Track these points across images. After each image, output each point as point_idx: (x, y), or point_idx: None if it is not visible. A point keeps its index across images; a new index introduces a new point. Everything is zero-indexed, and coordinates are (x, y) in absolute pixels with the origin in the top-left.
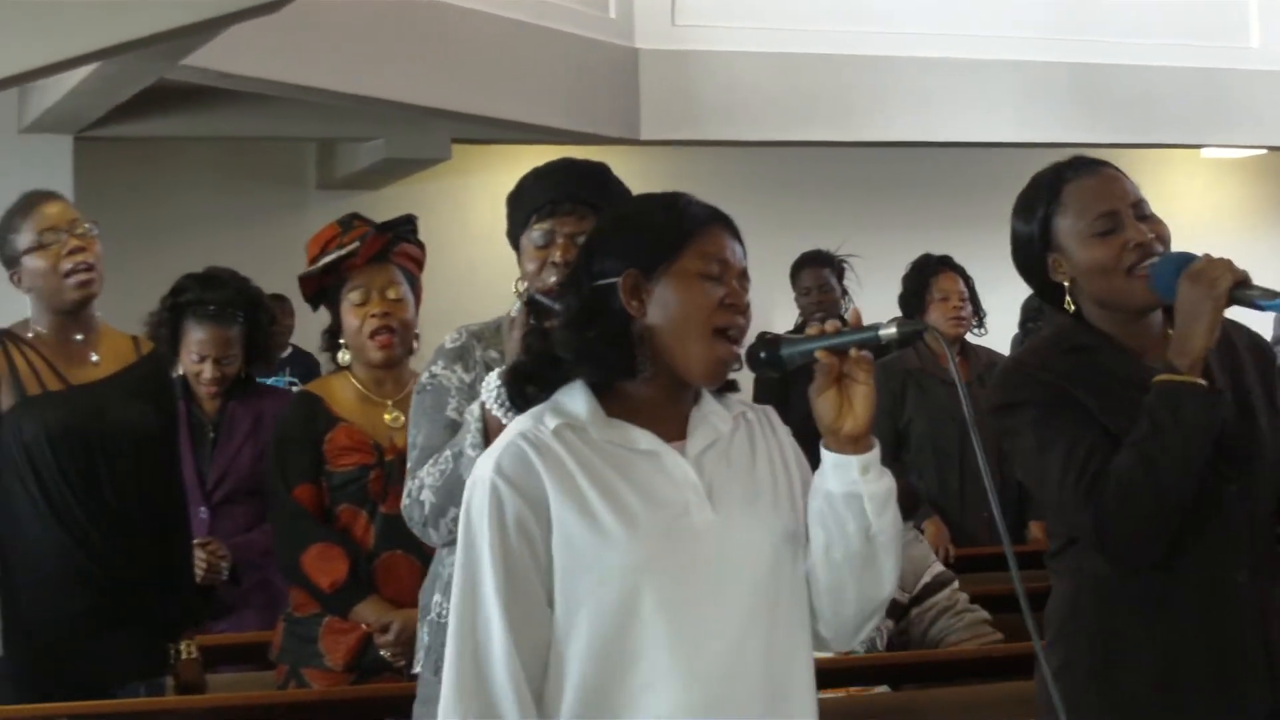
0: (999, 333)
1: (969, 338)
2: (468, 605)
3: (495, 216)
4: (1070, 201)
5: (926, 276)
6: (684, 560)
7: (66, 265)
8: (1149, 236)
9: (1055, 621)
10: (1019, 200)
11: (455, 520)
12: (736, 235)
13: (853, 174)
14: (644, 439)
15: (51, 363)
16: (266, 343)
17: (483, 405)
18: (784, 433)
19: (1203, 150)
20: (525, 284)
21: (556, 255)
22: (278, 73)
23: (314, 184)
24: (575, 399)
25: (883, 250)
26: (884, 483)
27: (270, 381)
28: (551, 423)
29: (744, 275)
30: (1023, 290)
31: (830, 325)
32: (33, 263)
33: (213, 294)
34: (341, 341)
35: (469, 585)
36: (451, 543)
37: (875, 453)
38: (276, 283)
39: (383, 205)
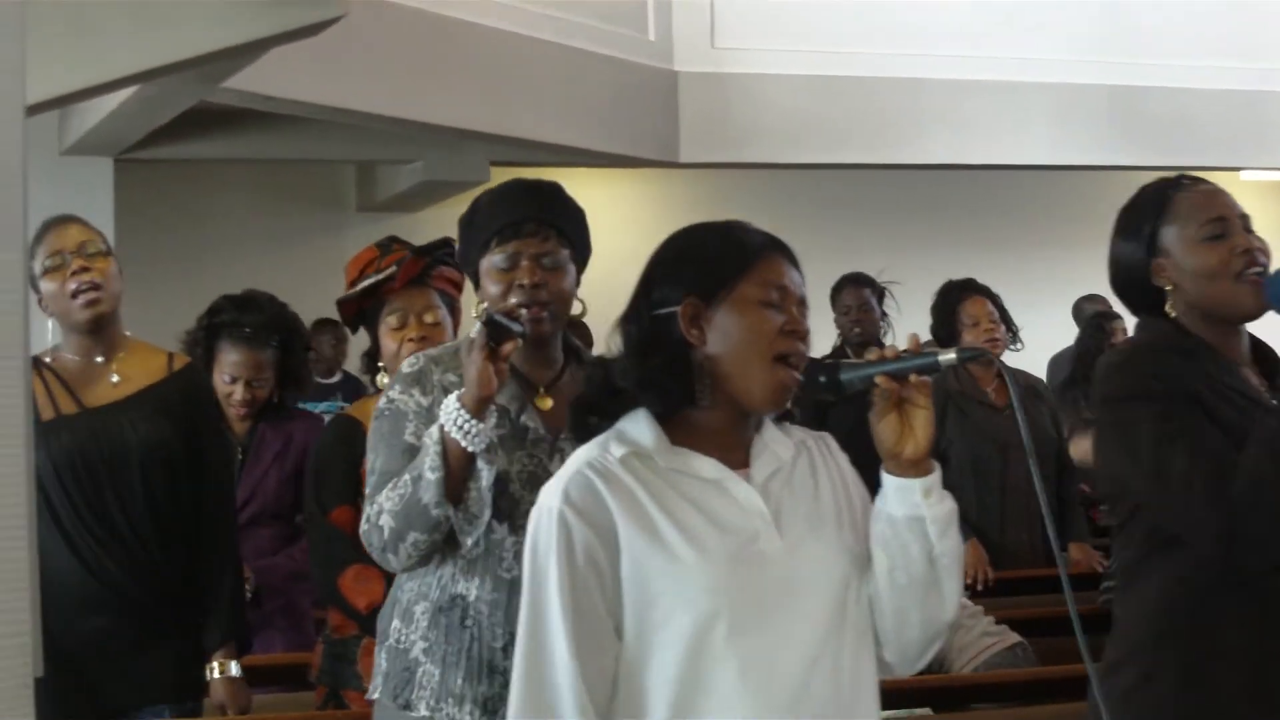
0: (1033, 353)
1: (1006, 358)
2: (535, 637)
3: None
4: (1180, 210)
5: (953, 304)
6: (754, 587)
7: (71, 286)
8: (1256, 245)
9: (1133, 635)
10: (1121, 220)
11: (415, 545)
12: (794, 262)
13: (889, 196)
14: (709, 467)
15: (70, 386)
16: (299, 369)
17: (441, 428)
18: (843, 459)
19: (1241, 173)
20: (485, 305)
21: (524, 278)
22: (317, 96)
23: (353, 206)
24: (640, 427)
25: (919, 272)
26: (945, 505)
27: (321, 407)
28: (617, 451)
29: (803, 302)
30: (1055, 312)
31: (889, 351)
32: (45, 286)
33: (248, 316)
34: (380, 365)
35: (536, 617)
36: (412, 568)
37: (936, 476)
38: (316, 305)
39: (421, 227)
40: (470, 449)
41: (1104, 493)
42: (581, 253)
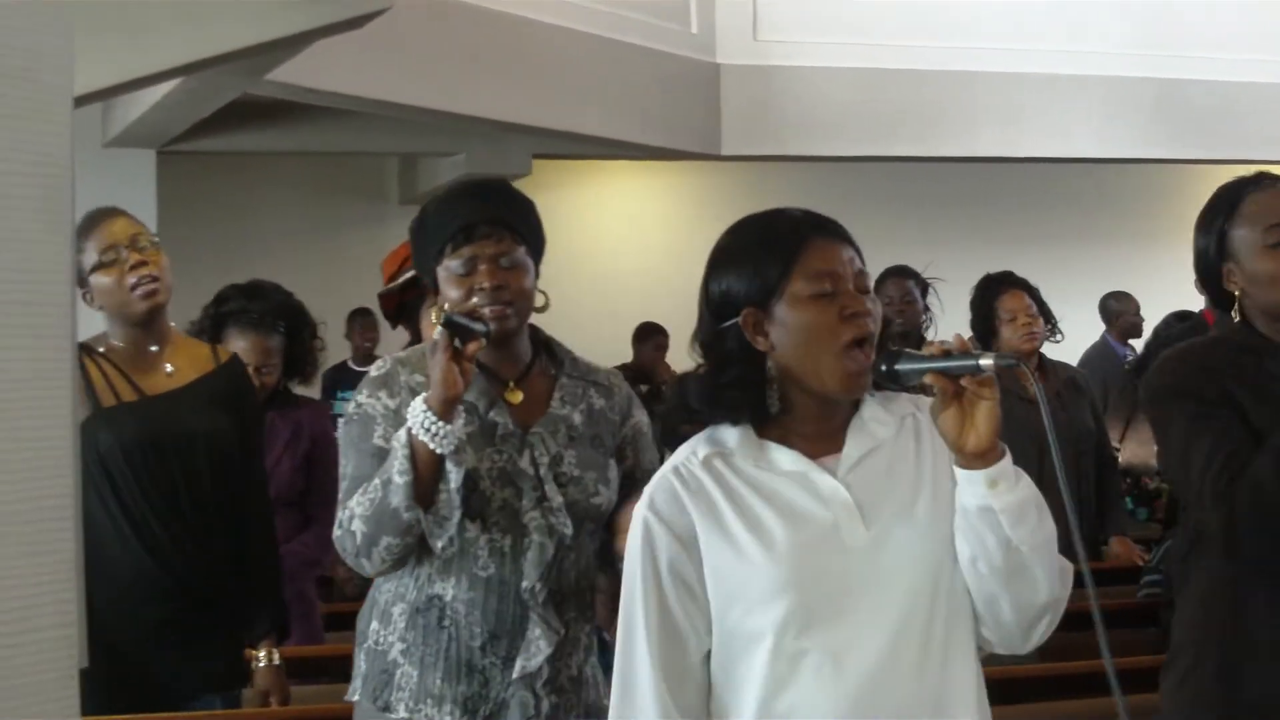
0: (1076, 346)
1: (1047, 349)
2: (625, 642)
3: (576, 231)
4: (1246, 213)
5: (990, 299)
6: (829, 579)
7: (131, 279)
8: None
9: (1184, 623)
10: (1202, 213)
11: (388, 549)
12: (842, 236)
13: (934, 189)
14: (789, 460)
15: (127, 374)
16: (306, 356)
17: (409, 431)
18: None
19: None
20: (445, 307)
21: (484, 281)
22: (360, 88)
23: (396, 199)
24: (728, 426)
25: (963, 265)
26: (1018, 494)
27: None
28: (702, 453)
29: (860, 274)
30: (1094, 306)
31: (936, 347)
32: (99, 281)
33: (255, 304)
34: None
35: (627, 622)
36: (386, 571)
37: (1004, 464)
38: (357, 296)
39: None
40: (438, 451)
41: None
42: (536, 247)
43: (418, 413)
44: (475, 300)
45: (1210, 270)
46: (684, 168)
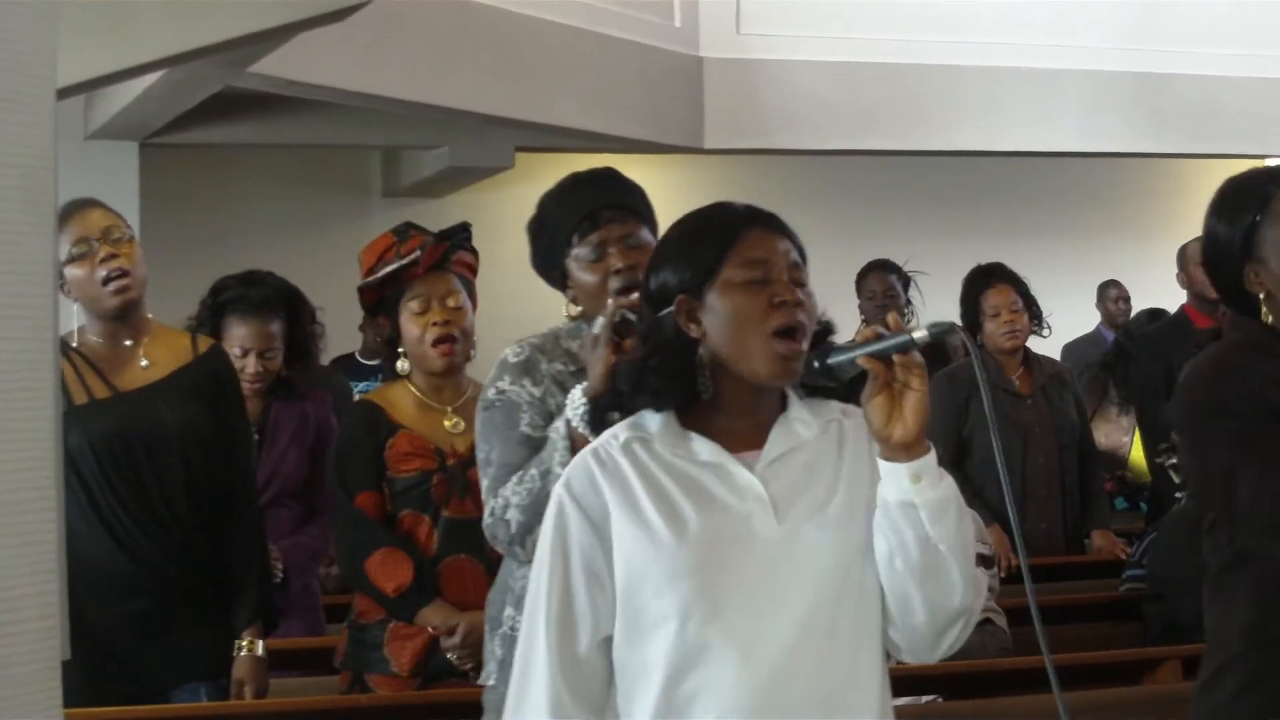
0: (1062, 339)
1: (1034, 343)
2: (527, 626)
3: None
4: (1277, 211)
5: (976, 294)
6: (738, 569)
7: (101, 273)
8: None
9: (1228, 646)
10: (1223, 201)
11: None
12: (779, 229)
13: (917, 183)
14: (707, 450)
15: (100, 369)
16: (306, 341)
17: (568, 422)
18: None
19: (1269, 159)
20: (574, 307)
21: (618, 262)
22: (343, 81)
23: (379, 192)
24: (652, 413)
25: (946, 259)
26: (940, 490)
27: (360, 387)
28: (622, 436)
29: (795, 267)
30: (1083, 299)
31: (870, 331)
32: (72, 273)
33: (253, 290)
34: (401, 350)
35: (530, 606)
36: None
37: (928, 459)
38: (341, 290)
39: (446, 213)
40: None
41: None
42: (654, 228)
43: (577, 403)
44: (613, 284)
45: (1228, 265)
46: (667, 161)
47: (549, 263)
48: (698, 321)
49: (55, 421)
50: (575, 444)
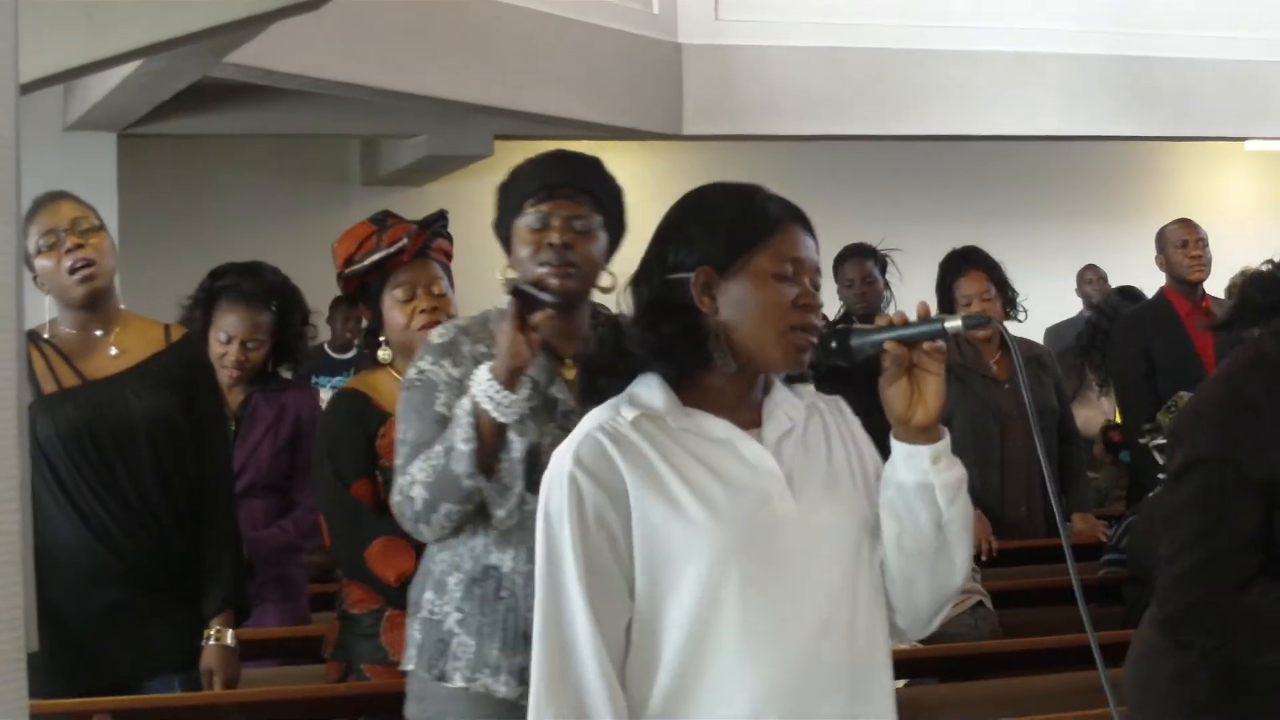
0: (1042, 322)
1: (1010, 327)
2: (552, 601)
3: None
4: None
5: (949, 281)
6: (766, 547)
7: (67, 263)
8: None
9: (1150, 662)
10: None
11: (448, 515)
12: (811, 231)
13: (895, 167)
14: (720, 427)
15: (70, 359)
16: (295, 340)
17: (473, 399)
18: (854, 422)
19: (1246, 143)
20: (512, 271)
21: (554, 237)
22: (321, 70)
23: (358, 181)
24: (651, 390)
25: (925, 243)
26: (954, 472)
27: (334, 380)
28: (629, 414)
29: (818, 271)
30: (1062, 282)
31: (897, 316)
32: (41, 264)
33: (249, 280)
34: (383, 339)
35: (552, 581)
36: (444, 538)
37: (945, 442)
38: (320, 279)
39: (426, 201)
40: (502, 420)
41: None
42: (614, 225)
43: (483, 381)
44: (540, 258)
45: None
46: (646, 148)
47: (501, 222)
48: (712, 297)
49: (20, 412)
50: (480, 422)
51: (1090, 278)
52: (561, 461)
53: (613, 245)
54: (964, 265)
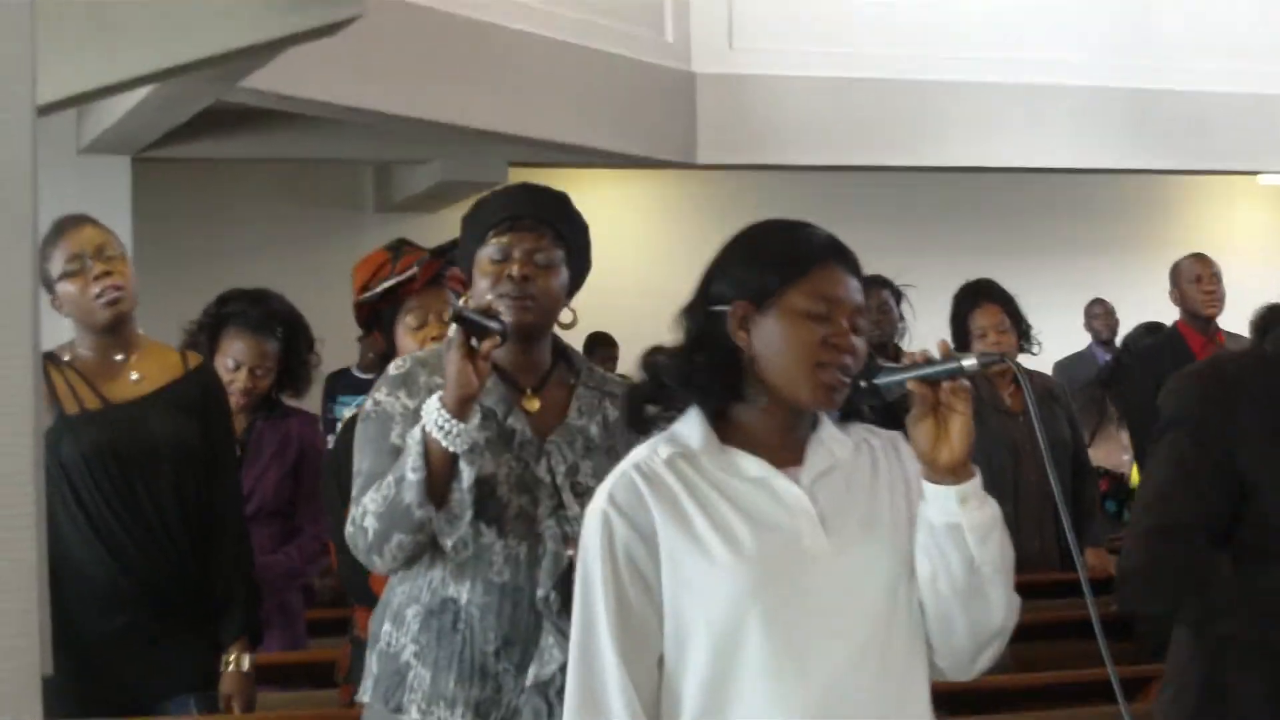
0: (1054, 356)
1: (1023, 359)
2: (584, 637)
3: None
4: None
5: (964, 313)
6: (793, 586)
7: (94, 289)
8: None
9: (1177, 652)
10: None
11: (400, 546)
12: (854, 269)
13: (908, 199)
14: (754, 466)
15: (91, 382)
16: (300, 367)
17: (423, 429)
18: (910, 460)
19: (1260, 176)
20: (469, 302)
21: (514, 270)
22: (335, 95)
23: (371, 207)
24: (691, 427)
25: (937, 275)
26: (985, 512)
27: (356, 402)
28: (665, 452)
29: (858, 311)
30: (1072, 316)
31: (920, 355)
32: (64, 289)
33: (257, 307)
34: None
35: (585, 617)
36: (397, 569)
37: (975, 482)
38: (333, 305)
39: (439, 228)
40: (452, 449)
41: None
42: (577, 260)
43: (432, 410)
44: (499, 290)
45: None
46: (659, 176)
47: (464, 253)
48: (747, 331)
49: (35, 439)
50: (430, 451)
51: (1098, 312)
52: (598, 499)
53: (576, 281)
54: (979, 298)
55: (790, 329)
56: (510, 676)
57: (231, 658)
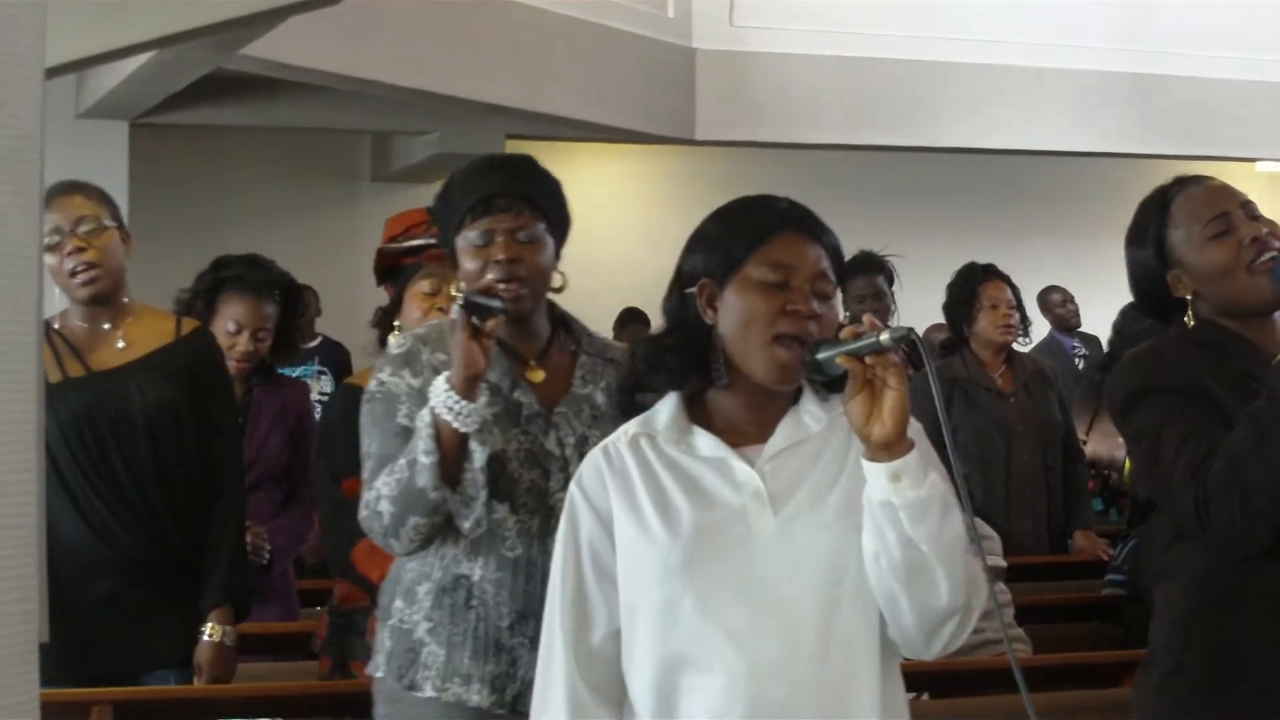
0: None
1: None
2: (547, 619)
3: None
4: (1179, 213)
5: (974, 285)
6: (730, 563)
7: (69, 265)
8: (1263, 231)
9: (1165, 627)
10: (1130, 229)
11: (416, 529)
12: (814, 234)
13: (906, 178)
14: (709, 445)
15: (78, 350)
16: (294, 332)
17: (432, 411)
18: None
19: (1257, 164)
20: (464, 285)
21: (499, 254)
22: (335, 64)
23: (368, 177)
24: (664, 408)
25: (934, 255)
26: (921, 491)
27: (298, 371)
28: (631, 431)
29: (820, 276)
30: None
31: (850, 330)
32: (47, 260)
33: (254, 271)
34: (397, 324)
35: (550, 600)
36: (415, 550)
37: (908, 460)
38: (330, 271)
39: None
40: (462, 430)
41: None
42: (558, 225)
43: (440, 392)
44: (489, 275)
45: (1154, 283)
46: (658, 151)
47: (444, 239)
48: (714, 309)
49: (38, 404)
50: (440, 432)
51: (1059, 299)
52: (573, 481)
53: (559, 243)
54: (988, 273)
55: (748, 301)
56: (525, 650)
57: (207, 627)
